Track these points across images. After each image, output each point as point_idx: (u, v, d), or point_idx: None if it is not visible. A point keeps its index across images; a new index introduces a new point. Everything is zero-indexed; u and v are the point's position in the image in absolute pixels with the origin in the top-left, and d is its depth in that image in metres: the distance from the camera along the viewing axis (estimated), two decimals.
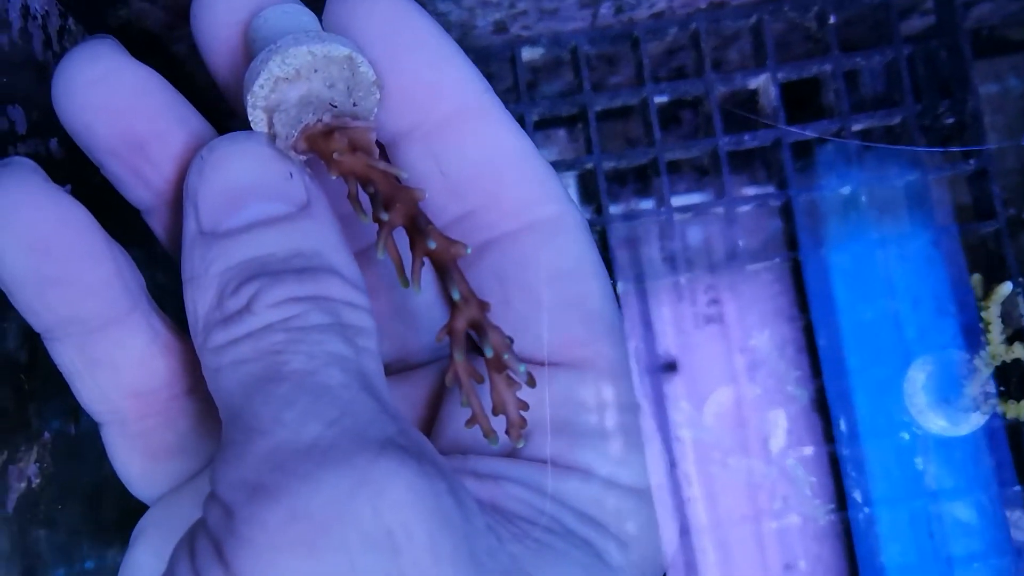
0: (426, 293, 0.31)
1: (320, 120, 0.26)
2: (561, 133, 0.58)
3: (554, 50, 0.49)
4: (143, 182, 0.28)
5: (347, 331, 0.24)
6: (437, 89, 0.28)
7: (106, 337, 0.28)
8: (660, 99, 0.49)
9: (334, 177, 0.26)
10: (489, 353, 0.25)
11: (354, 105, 0.27)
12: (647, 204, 0.51)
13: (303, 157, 0.27)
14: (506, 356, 0.25)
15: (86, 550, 0.35)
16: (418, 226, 0.25)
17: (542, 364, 0.28)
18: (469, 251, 0.25)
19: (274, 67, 0.26)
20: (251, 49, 0.28)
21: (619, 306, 0.29)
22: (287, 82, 0.26)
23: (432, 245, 0.25)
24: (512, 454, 0.27)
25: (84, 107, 0.27)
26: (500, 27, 0.47)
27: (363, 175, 0.26)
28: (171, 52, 0.45)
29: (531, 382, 0.25)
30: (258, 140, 0.26)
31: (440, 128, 0.28)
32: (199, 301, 0.26)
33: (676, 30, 0.49)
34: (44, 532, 0.31)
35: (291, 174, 0.26)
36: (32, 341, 0.31)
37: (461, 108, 0.28)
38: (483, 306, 0.26)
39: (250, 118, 0.27)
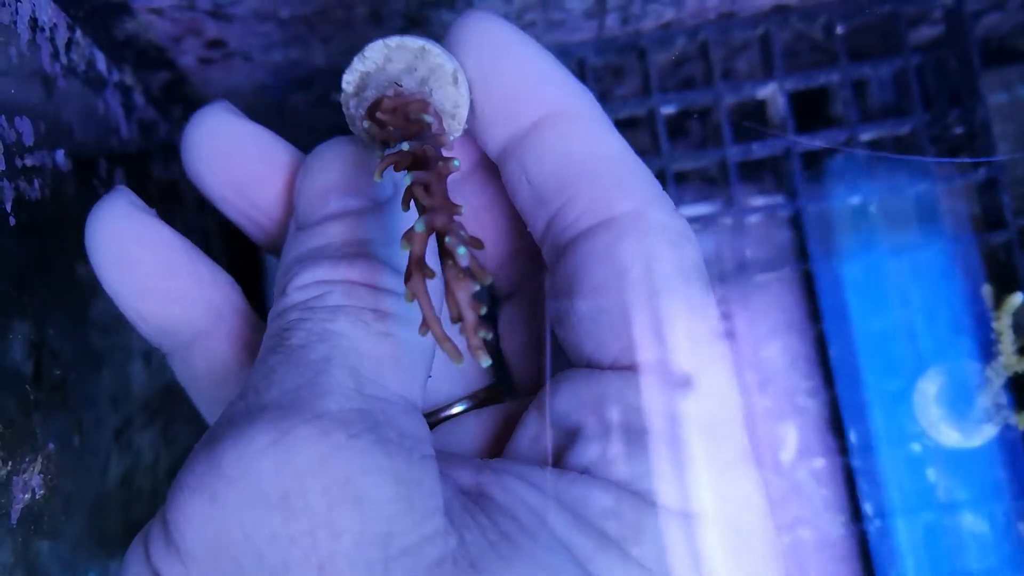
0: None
1: (380, 94, 0.27)
2: None
3: (561, 60, 0.49)
4: (256, 226, 0.32)
5: (364, 314, 0.25)
6: (524, 100, 0.28)
7: (198, 350, 0.31)
8: (667, 109, 0.49)
9: (376, 137, 0.27)
10: (419, 228, 0.24)
11: (429, 92, 0.28)
12: None
13: (378, 140, 0.28)
14: (448, 239, 0.23)
15: (88, 563, 0.35)
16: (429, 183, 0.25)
17: (607, 368, 0.27)
18: (457, 164, 0.25)
19: (356, 63, 0.28)
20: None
21: (711, 311, 0.28)
22: (369, 75, 0.28)
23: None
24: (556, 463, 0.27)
25: (194, 160, 0.31)
26: None
27: (399, 134, 0.26)
28: (178, 64, 0.45)
29: (480, 275, 0.23)
30: (351, 142, 0.29)
31: (525, 137, 0.28)
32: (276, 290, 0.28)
33: (684, 40, 0.49)
34: (47, 544, 0.31)
35: (374, 174, 0.27)
36: (38, 352, 0.31)
37: (549, 113, 0.28)
38: (452, 209, 0.24)
39: (348, 120, 0.29)
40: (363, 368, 0.25)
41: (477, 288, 0.23)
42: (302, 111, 0.52)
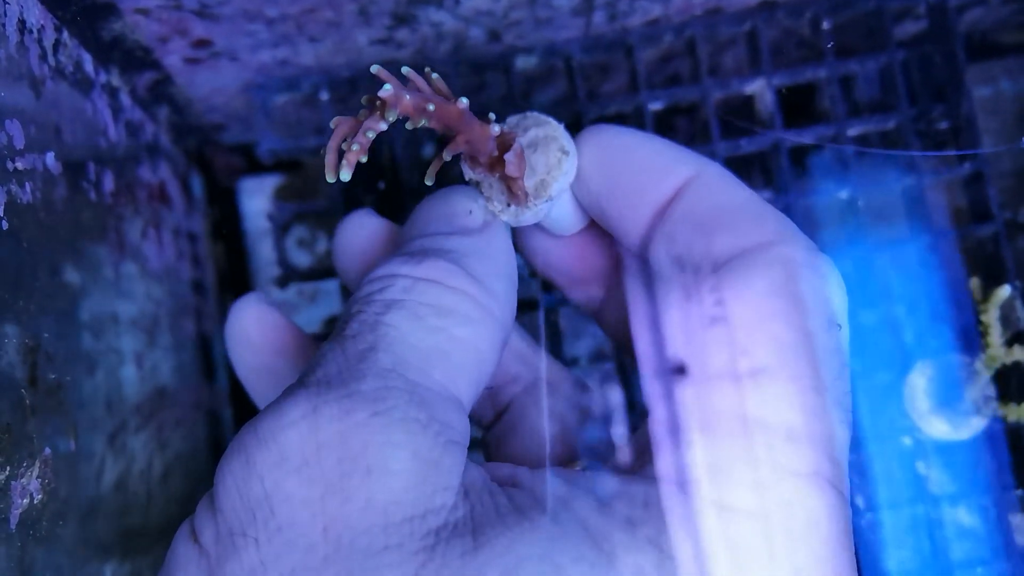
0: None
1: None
2: None
3: (548, 59, 0.49)
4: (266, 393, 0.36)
5: (421, 309, 0.27)
6: (653, 175, 0.30)
7: None
8: (655, 106, 0.49)
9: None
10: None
11: (532, 148, 0.32)
12: None
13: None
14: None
15: (83, 568, 0.34)
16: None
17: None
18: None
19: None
20: None
21: (833, 345, 0.28)
22: None
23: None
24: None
25: (233, 343, 0.36)
26: (494, 36, 0.47)
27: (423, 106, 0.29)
28: (164, 64, 0.45)
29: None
30: (463, 188, 0.32)
31: (665, 206, 0.30)
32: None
33: (671, 37, 0.49)
34: (42, 550, 0.31)
35: (471, 211, 0.31)
36: (33, 356, 0.31)
37: (680, 182, 0.30)
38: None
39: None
40: (408, 356, 0.26)
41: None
42: (289, 111, 0.52)
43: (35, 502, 0.30)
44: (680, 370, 0.28)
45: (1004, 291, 0.46)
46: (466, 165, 0.32)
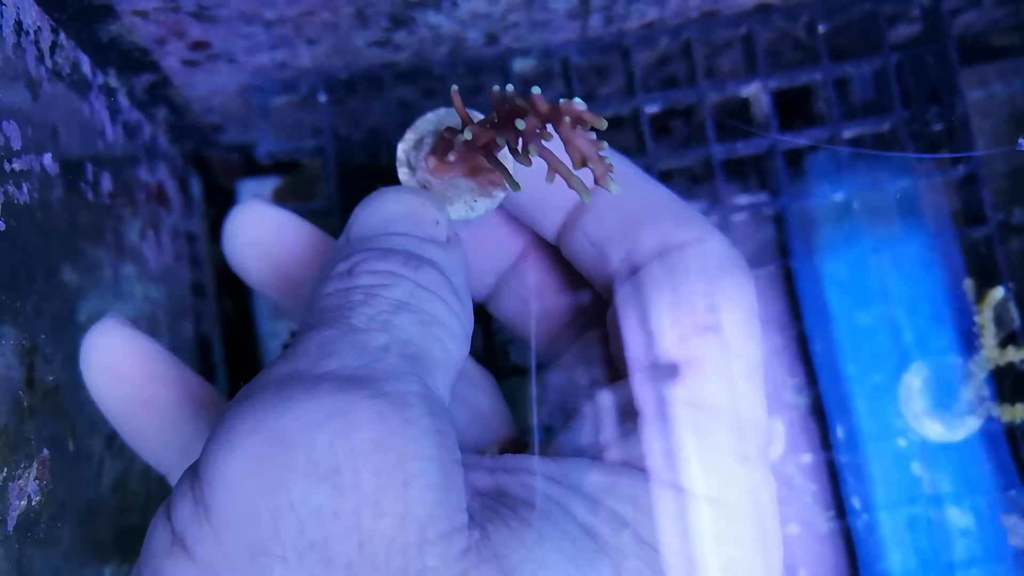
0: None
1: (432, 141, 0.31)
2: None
3: (545, 61, 0.49)
4: (290, 298, 0.34)
5: (423, 315, 0.26)
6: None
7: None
8: (651, 108, 0.49)
9: (452, 159, 0.30)
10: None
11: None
12: None
13: (443, 178, 0.31)
14: (562, 101, 0.26)
15: (82, 570, 0.34)
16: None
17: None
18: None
19: (414, 131, 0.32)
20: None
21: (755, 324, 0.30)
22: (423, 139, 0.31)
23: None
24: (545, 453, 0.29)
25: (238, 252, 0.34)
26: (491, 38, 0.48)
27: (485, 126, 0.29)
28: (162, 66, 0.45)
29: (596, 120, 0.26)
30: (411, 188, 0.31)
31: (578, 210, 0.31)
32: (318, 281, 0.28)
33: (667, 40, 0.49)
34: (41, 551, 0.31)
35: (438, 221, 0.30)
36: (30, 357, 0.31)
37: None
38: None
39: (401, 178, 0.32)
40: (419, 363, 0.25)
41: (592, 134, 0.26)
42: (287, 112, 0.52)
43: (33, 503, 0.30)
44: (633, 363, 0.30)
45: (998, 292, 0.46)
46: (408, 170, 0.32)
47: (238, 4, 0.40)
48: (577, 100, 0.25)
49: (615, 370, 0.32)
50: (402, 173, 0.32)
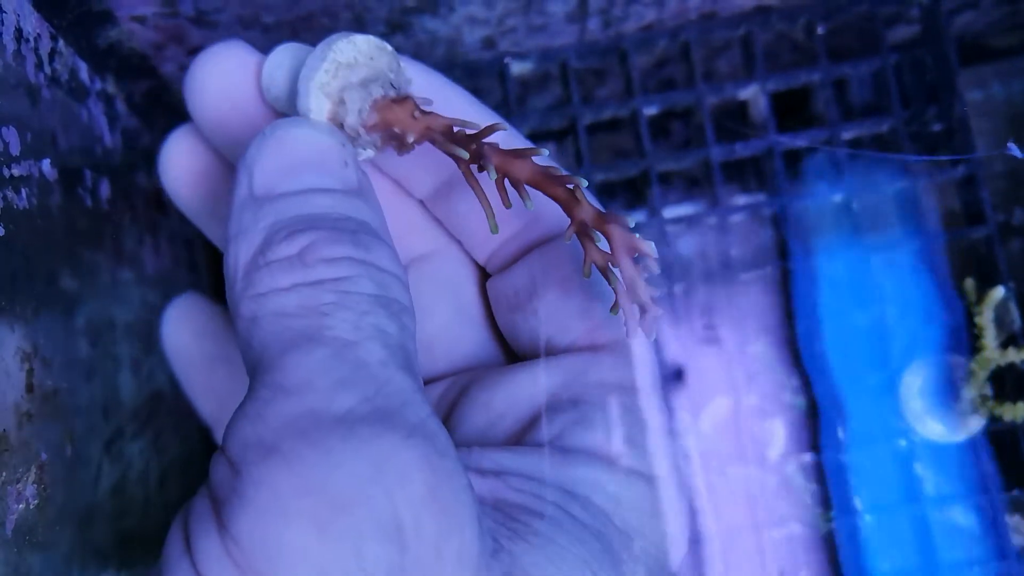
0: (439, 316, 0.32)
1: (385, 95, 0.28)
2: (551, 147, 0.58)
3: (543, 64, 0.49)
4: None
5: (393, 305, 0.24)
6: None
7: None
8: (650, 110, 0.50)
9: (411, 140, 0.27)
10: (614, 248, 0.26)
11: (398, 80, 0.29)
12: (639, 216, 0.51)
13: (373, 138, 0.28)
14: (624, 234, 0.25)
15: (80, 574, 0.35)
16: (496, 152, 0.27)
17: (568, 351, 0.29)
18: (546, 153, 0.26)
19: (338, 55, 0.28)
20: (272, 85, 0.30)
21: None
22: (348, 68, 0.28)
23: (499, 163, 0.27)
24: (517, 442, 0.28)
25: (173, 177, 0.34)
26: (489, 43, 0.48)
27: (444, 127, 0.27)
28: (161, 72, 0.45)
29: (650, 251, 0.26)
30: (319, 125, 0.27)
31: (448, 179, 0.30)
32: (242, 252, 0.25)
33: (665, 42, 0.49)
34: (39, 556, 0.31)
35: (346, 162, 0.27)
36: (30, 363, 0.31)
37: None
38: (596, 212, 0.26)
39: (311, 107, 0.28)
40: (412, 368, 0.24)
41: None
42: None
43: (31, 507, 0.30)
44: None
45: (998, 292, 0.46)
46: (331, 105, 0.28)
47: (237, 9, 0.40)
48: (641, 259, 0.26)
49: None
50: (315, 104, 0.28)
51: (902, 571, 0.48)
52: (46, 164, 0.34)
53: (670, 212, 0.51)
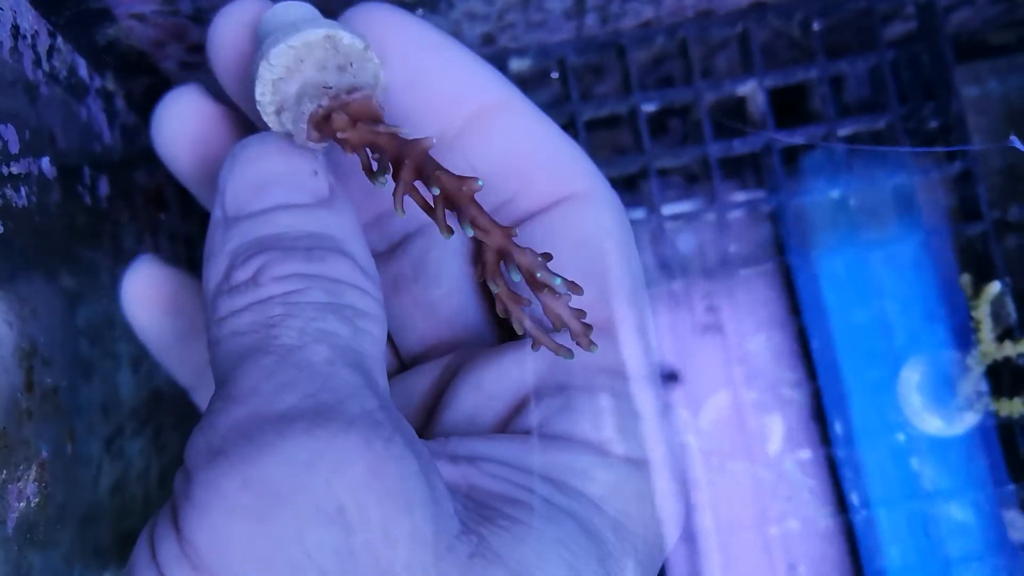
0: (444, 285, 0.31)
1: (319, 105, 0.27)
2: None
3: (541, 61, 0.50)
4: None
5: (346, 311, 0.25)
6: (455, 94, 0.29)
7: None
8: (648, 107, 0.50)
9: (348, 155, 0.27)
10: (516, 278, 0.26)
11: (353, 78, 0.27)
12: (638, 213, 0.51)
13: (322, 146, 0.28)
14: (540, 274, 0.26)
15: (81, 573, 0.34)
16: (426, 174, 0.26)
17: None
18: (480, 184, 0.26)
19: (264, 72, 0.27)
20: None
21: (643, 277, 0.30)
22: (282, 81, 0.27)
23: (436, 190, 0.26)
24: (498, 430, 0.28)
25: (166, 140, 0.33)
26: (488, 39, 0.48)
27: (369, 143, 0.26)
28: (160, 69, 0.45)
29: (574, 289, 0.26)
30: (285, 139, 0.28)
31: (464, 130, 0.29)
32: (211, 276, 0.26)
33: (663, 39, 0.49)
34: (39, 554, 0.31)
35: (316, 172, 0.27)
36: (30, 361, 0.31)
37: (482, 107, 0.29)
38: (507, 232, 0.26)
39: (268, 124, 0.28)
40: (368, 368, 0.24)
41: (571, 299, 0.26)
42: None
43: (32, 506, 0.30)
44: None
45: (994, 287, 0.47)
46: (275, 117, 0.27)
47: None
48: (558, 282, 0.26)
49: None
50: (269, 120, 0.27)
51: (901, 567, 0.48)
52: (45, 162, 0.34)
53: (669, 209, 0.51)
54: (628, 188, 0.54)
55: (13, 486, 0.29)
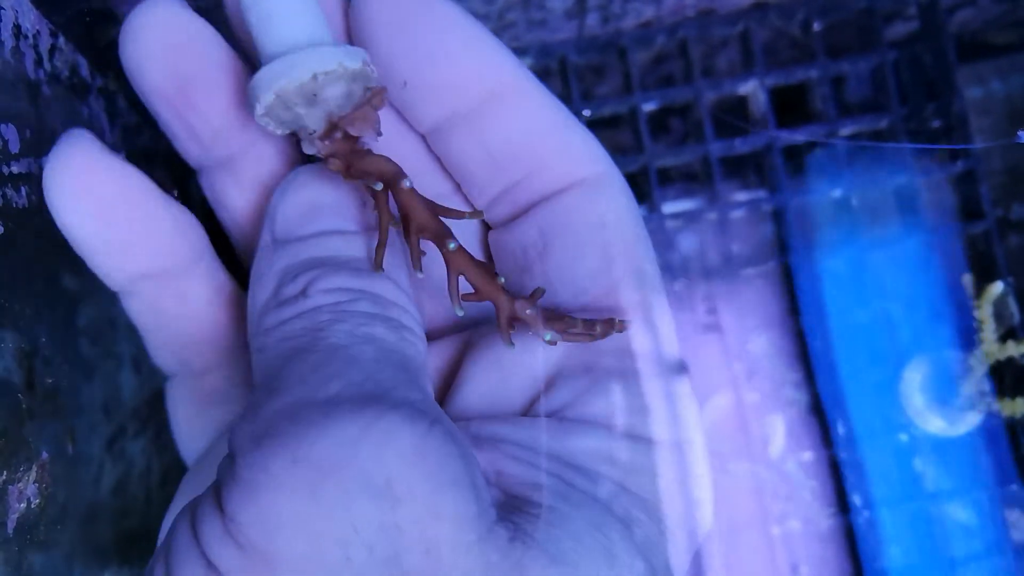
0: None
1: (317, 134, 0.27)
2: None
3: (542, 60, 0.49)
4: (190, 131, 0.30)
5: (392, 323, 0.25)
6: (470, 74, 0.28)
7: (173, 290, 0.31)
8: (649, 107, 0.50)
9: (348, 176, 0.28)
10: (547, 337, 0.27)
11: (347, 98, 0.27)
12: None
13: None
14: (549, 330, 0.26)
15: (81, 573, 0.34)
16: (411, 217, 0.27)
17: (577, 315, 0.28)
18: (451, 248, 0.26)
19: (258, 107, 0.27)
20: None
21: (656, 261, 0.30)
22: (274, 110, 0.27)
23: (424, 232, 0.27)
24: (519, 411, 0.28)
25: (138, 50, 0.30)
26: None
27: (370, 173, 0.27)
28: None
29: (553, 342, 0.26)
30: (327, 171, 0.28)
31: (479, 109, 0.29)
32: (259, 295, 0.27)
33: (664, 38, 0.49)
34: (40, 555, 0.31)
35: (365, 202, 0.28)
36: (29, 360, 0.31)
37: (496, 88, 0.29)
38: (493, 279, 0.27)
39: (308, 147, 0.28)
40: (409, 368, 0.25)
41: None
42: None
43: (32, 506, 0.30)
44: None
45: (997, 287, 0.47)
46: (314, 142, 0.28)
47: None
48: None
49: None
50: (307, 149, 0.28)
51: (903, 567, 0.48)
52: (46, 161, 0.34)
53: (670, 208, 0.51)
54: (629, 188, 0.54)
55: (14, 487, 0.29)
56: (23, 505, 0.29)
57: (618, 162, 0.49)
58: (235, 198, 0.32)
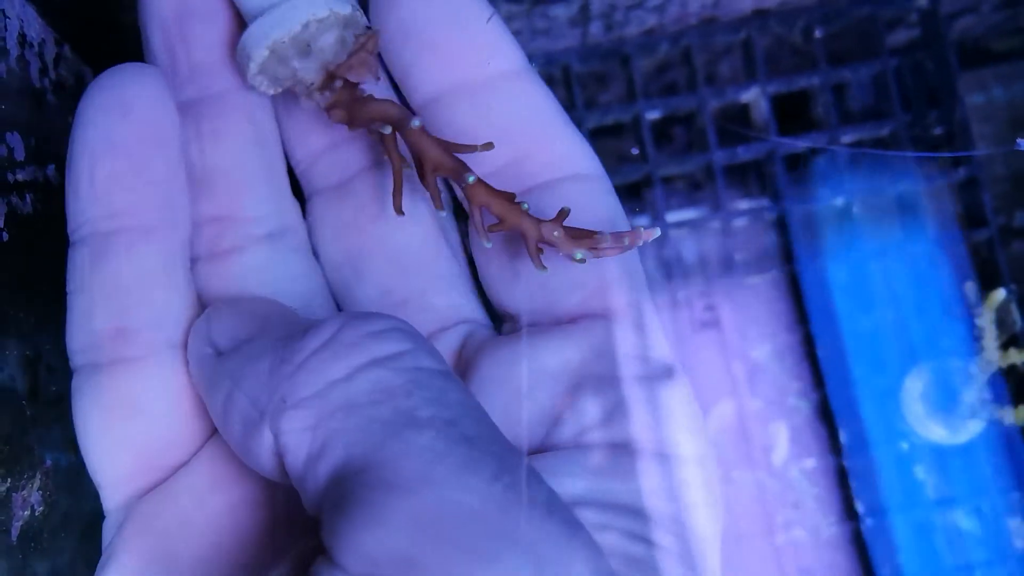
0: (408, 225, 0.31)
1: (315, 85, 0.27)
2: None
3: (546, 68, 0.50)
4: (172, 64, 0.29)
5: (453, 378, 0.22)
6: (486, 50, 0.28)
7: (127, 253, 0.27)
8: (652, 115, 0.50)
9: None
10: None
11: (341, 45, 0.27)
12: (642, 221, 0.51)
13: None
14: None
15: None
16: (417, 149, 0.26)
17: (581, 318, 0.28)
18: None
19: (251, 66, 0.27)
20: None
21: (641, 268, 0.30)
22: (268, 64, 0.27)
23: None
24: (539, 431, 0.26)
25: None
26: None
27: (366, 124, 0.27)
28: None
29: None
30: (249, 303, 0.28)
31: (489, 85, 0.29)
32: (260, 360, 0.23)
33: (667, 46, 0.49)
34: (44, 562, 0.31)
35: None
36: (33, 368, 0.31)
37: (508, 70, 0.29)
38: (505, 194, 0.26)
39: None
40: (502, 435, 0.23)
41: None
42: None
43: (36, 514, 0.30)
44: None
45: (999, 295, 0.46)
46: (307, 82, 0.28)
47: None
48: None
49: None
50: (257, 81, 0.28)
51: (907, 574, 0.48)
52: (51, 169, 0.34)
53: (673, 216, 0.51)
54: (632, 196, 0.54)
55: (18, 494, 0.29)
56: (27, 512, 0.29)
57: (621, 171, 0.49)
58: (193, 151, 0.30)
